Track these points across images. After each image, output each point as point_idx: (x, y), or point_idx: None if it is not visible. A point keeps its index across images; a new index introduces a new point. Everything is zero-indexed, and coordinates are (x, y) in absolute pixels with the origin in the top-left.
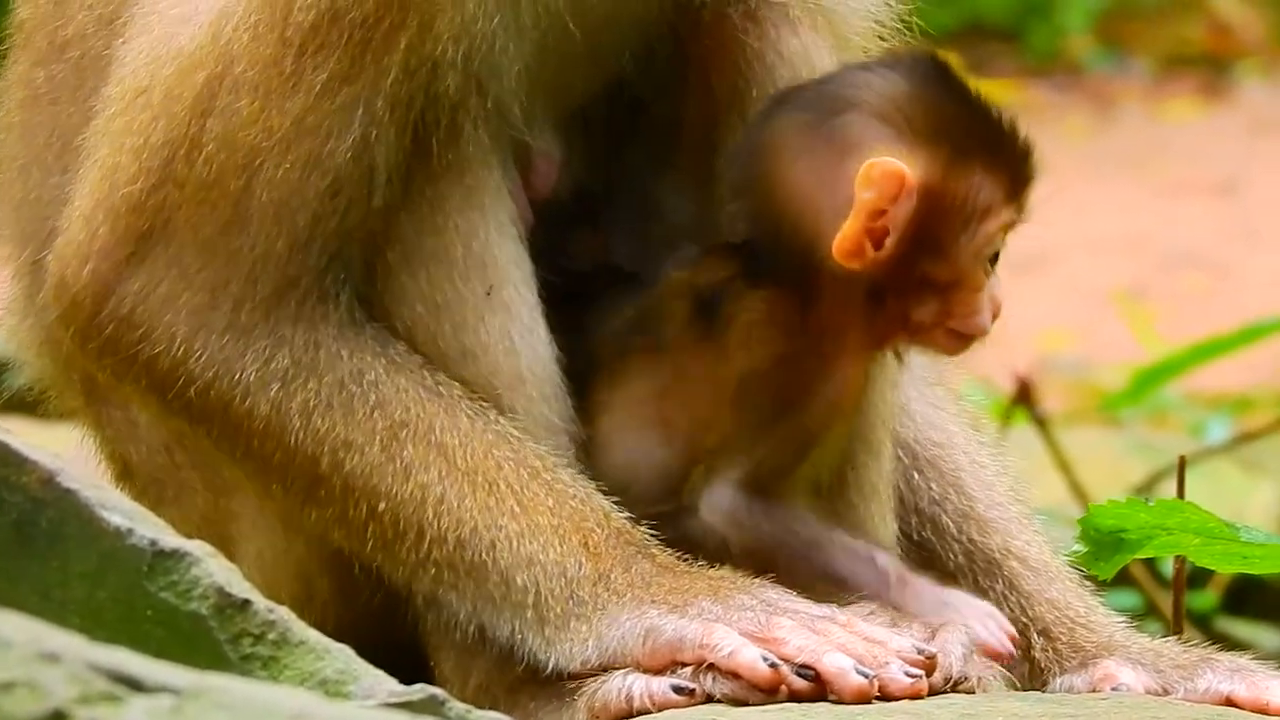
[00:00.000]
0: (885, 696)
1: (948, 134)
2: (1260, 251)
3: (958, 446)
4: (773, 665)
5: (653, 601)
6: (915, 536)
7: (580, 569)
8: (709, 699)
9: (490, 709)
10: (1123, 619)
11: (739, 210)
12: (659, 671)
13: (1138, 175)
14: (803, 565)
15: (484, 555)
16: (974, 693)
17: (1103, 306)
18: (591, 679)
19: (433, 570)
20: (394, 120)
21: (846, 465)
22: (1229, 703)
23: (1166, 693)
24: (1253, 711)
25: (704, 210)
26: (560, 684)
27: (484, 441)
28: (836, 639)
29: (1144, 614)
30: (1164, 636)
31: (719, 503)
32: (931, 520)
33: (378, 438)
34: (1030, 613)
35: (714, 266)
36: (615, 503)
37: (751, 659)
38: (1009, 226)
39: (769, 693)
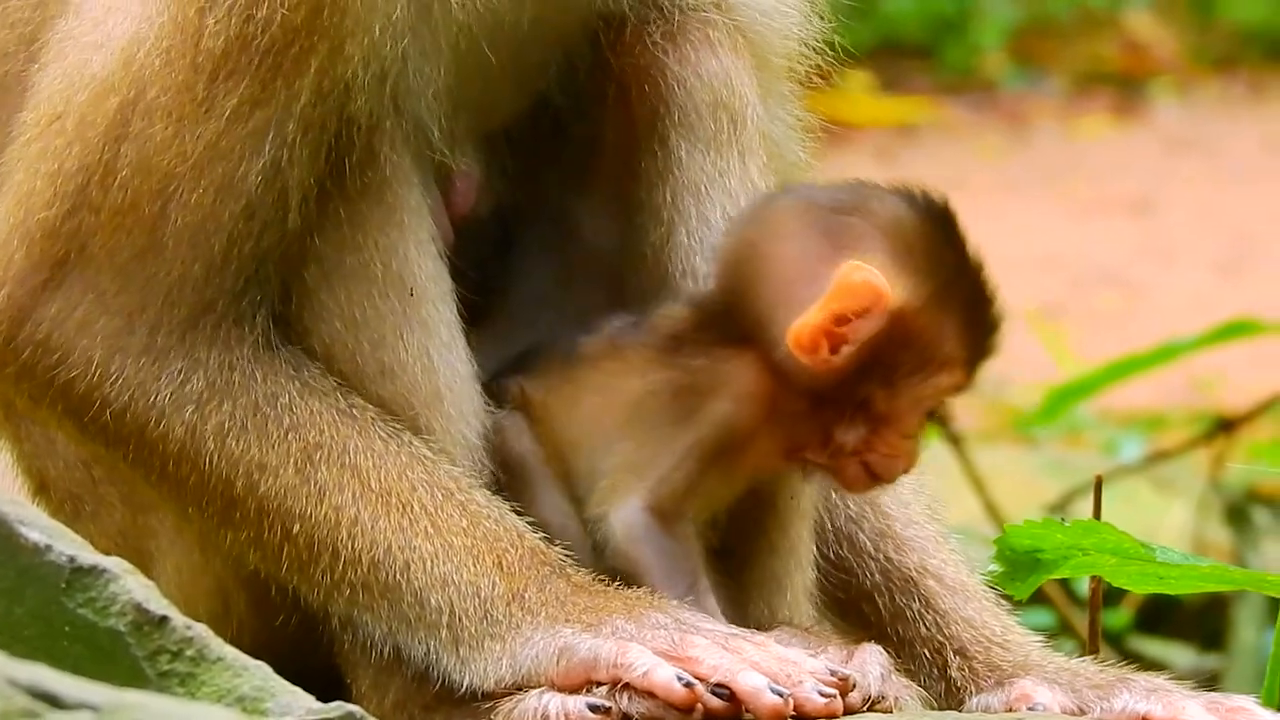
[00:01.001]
0: (801, 716)
1: (938, 276)
2: (1174, 270)
3: None
4: (688, 684)
5: (567, 620)
6: (832, 555)
7: (494, 588)
8: (625, 717)
9: None
10: (1038, 638)
11: (719, 271)
12: (574, 690)
13: (1052, 193)
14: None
15: (398, 576)
16: (891, 712)
17: (1017, 325)
18: (507, 698)
19: (348, 591)
20: (306, 143)
21: (765, 517)
22: None
23: (1082, 712)
24: None
25: (622, 232)
26: (476, 703)
27: (398, 463)
28: (751, 658)
29: (1058, 633)
30: (1079, 656)
31: (625, 517)
32: (848, 538)
33: (292, 460)
34: (946, 631)
35: (685, 317)
36: (530, 523)
37: (666, 678)
38: (955, 390)
39: (685, 711)
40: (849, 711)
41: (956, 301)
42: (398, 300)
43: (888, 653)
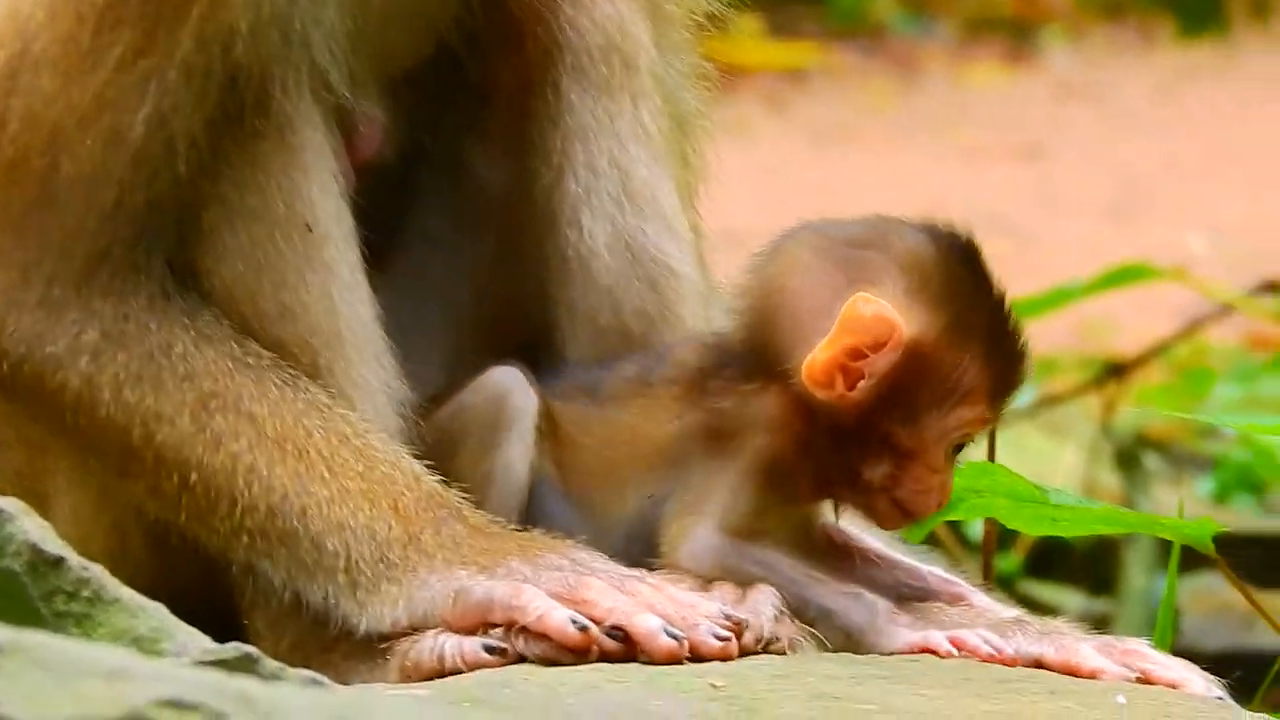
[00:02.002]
0: (696, 658)
1: (956, 307)
2: (1064, 216)
3: None
4: (582, 628)
5: (463, 563)
6: None
7: (390, 532)
8: (521, 659)
9: (303, 667)
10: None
11: (739, 306)
12: (470, 632)
13: (942, 139)
14: (790, 600)
15: (295, 522)
16: (784, 654)
17: None
18: (404, 639)
19: (246, 538)
20: (191, 90)
21: None
22: (1039, 665)
23: (976, 655)
24: (1062, 673)
25: (515, 177)
26: (373, 644)
27: (293, 410)
28: (646, 599)
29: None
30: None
31: (701, 548)
32: None
33: (187, 409)
34: None
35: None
36: (430, 467)
37: (561, 621)
38: (981, 423)
39: (580, 653)
40: (743, 653)
41: (976, 334)
42: (299, 241)
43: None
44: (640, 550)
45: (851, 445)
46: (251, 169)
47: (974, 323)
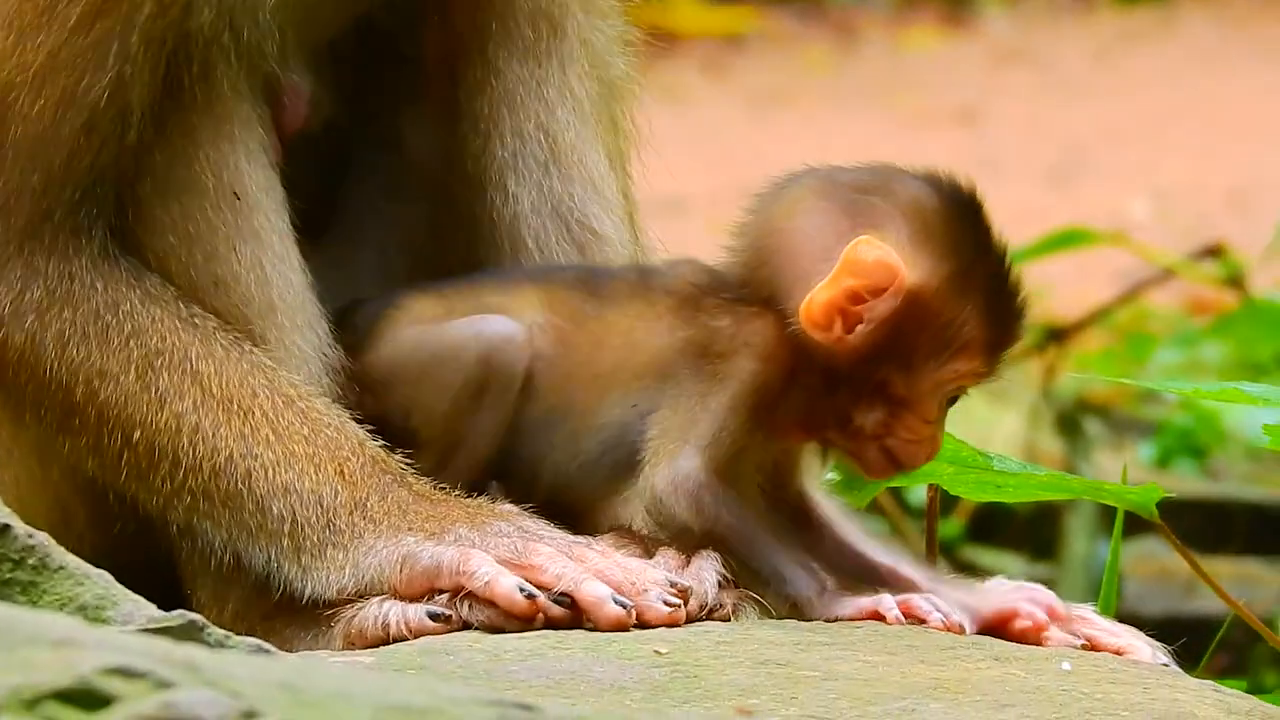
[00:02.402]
0: (643, 625)
1: (957, 258)
2: (1002, 181)
3: None
4: (530, 595)
5: (409, 529)
6: None
7: (336, 497)
8: (466, 625)
9: (247, 635)
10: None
11: (739, 244)
12: (416, 598)
13: (879, 105)
14: (743, 557)
15: (239, 484)
16: (729, 620)
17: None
18: (349, 605)
19: (188, 499)
20: (148, 57)
21: None
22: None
23: (922, 621)
24: (1008, 640)
25: (445, 144)
26: (317, 611)
27: (239, 370)
28: (594, 566)
29: (893, 542)
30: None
31: (680, 477)
32: None
33: (133, 366)
34: None
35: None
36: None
37: (508, 588)
38: (977, 377)
39: (526, 620)
40: (688, 620)
41: (977, 286)
42: (230, 212)
43: (725, 562)
44: (611, 463)
45: (845, 389)
46: (181, 141)
47: (975, 275)
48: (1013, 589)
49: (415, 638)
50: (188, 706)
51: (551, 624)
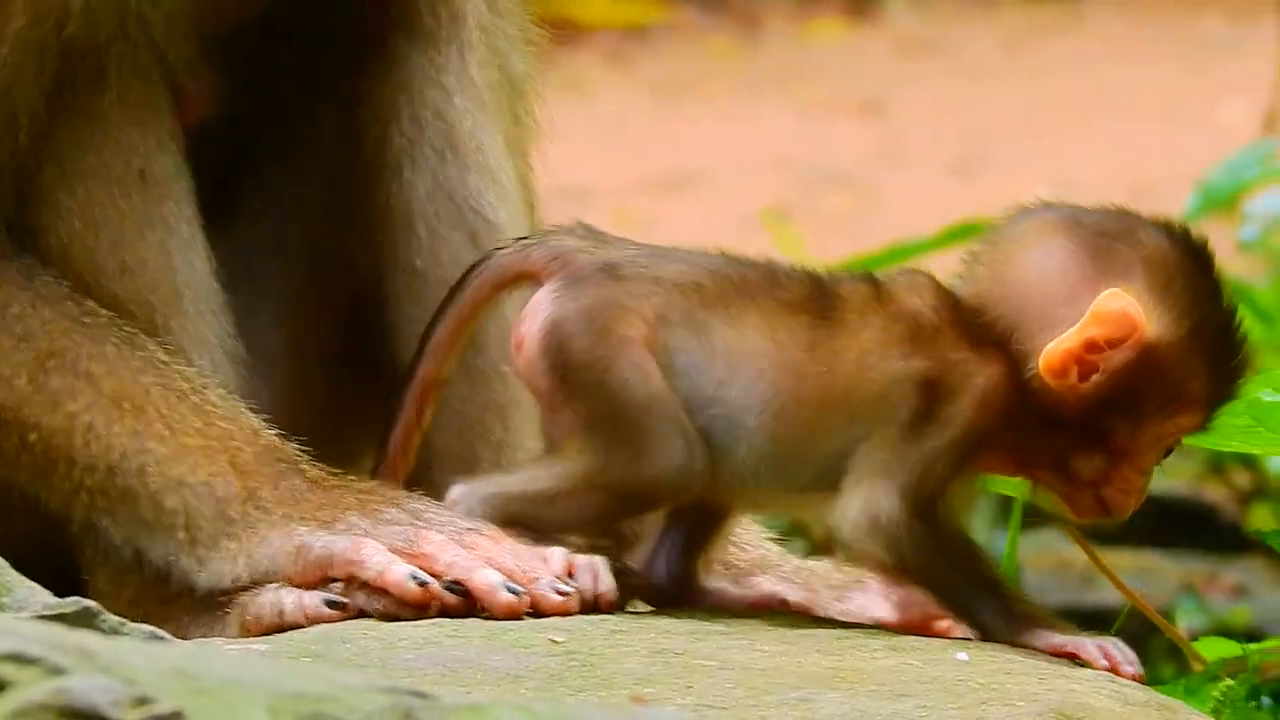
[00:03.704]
0: (537, 612)
1: (1195, 314)
2: (906, 172)
3: None
4: (422, 583)
5: (302, 518)
6: None
7: (229, 489)
8: (361, 613)
9: (144, 622)
10: (774, 538)
11: (977, 273)
12: (312, 586)
13: (783, 95)
14: (937, 594)
15: (134, 480)
16: (623, 609)
17: (751, 226)
18: (245, 592)
19: (85, 497)
20: (29, 63)
21: None
22: (881, 626)
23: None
24: (906, 632)
25: (346, 132)
26: (215, 598)
27: (130, 367)
28: (486, 553)
29: (791, 534)
30: (814, 556)
31: (876, 511)
32: None
33: (25, 369)
34: None
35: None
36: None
37: (400, 578)
38: (1194, 430)
39: (420, 608)
40: (582, 608)
41: (1209, 342)
42: (138, 198)
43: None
44: (821, 494)
45: (1065, 433)
46: (89, 128)
47: (1208, 331)
48: None
49: (311, 625)
50: (81, 693)
51: (446, 611)
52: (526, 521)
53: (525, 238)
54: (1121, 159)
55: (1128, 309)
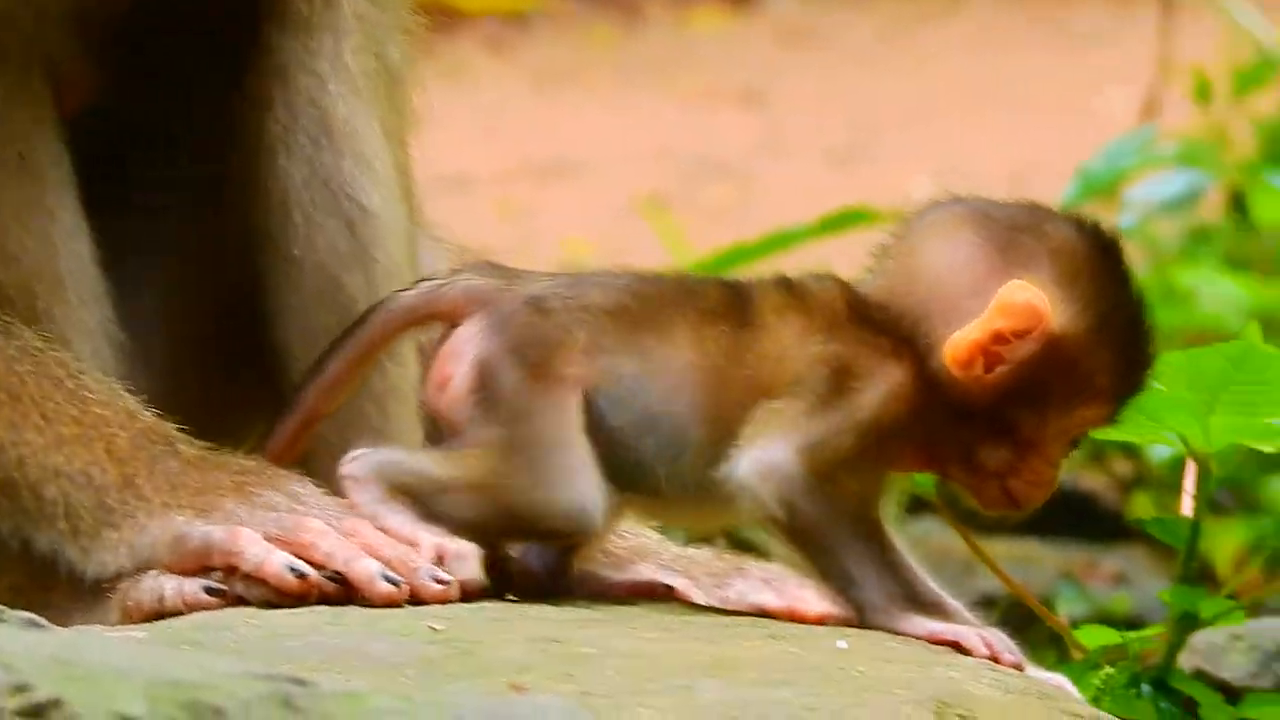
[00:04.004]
0: (416, 600)
1: (1101, 306)
2: (787, 161)
3: None
4: (300, 575)
5: (179, 506)
6: None
7: (106, 476)
8: (241, 600)
9: (24, 609)
10: (654, 526)
11: (885, 266)
12: (191, 574)
13: (664, 84)
14: (817, 557)
15: (13, 472)
16: (502, 597)
17: (630, 214)
18: (127, 579)
19: None
20: None
21: None
22: (762, 613)
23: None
24: (787, 620)
25: (223, 121)
26: (96, 585)
27: (5, 357)
28: (365, 540)
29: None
30: (694, 544)
31: (772, 462)
32: None
33: None
34: None
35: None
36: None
37: (278, 568)
38: (1100, 422)
39: (299, 598)
40: (462, 595)
41: (1115, 333)
42: (19, 185)
43: None
44: None
45: (971, 426)
46: None
47: (1115, 323)
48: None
49: (190, 612)
50: None
51: (325, 599)
52: (413, 496)
53: (428, 278)
54: (1002, 147)
55: (1032, 300)
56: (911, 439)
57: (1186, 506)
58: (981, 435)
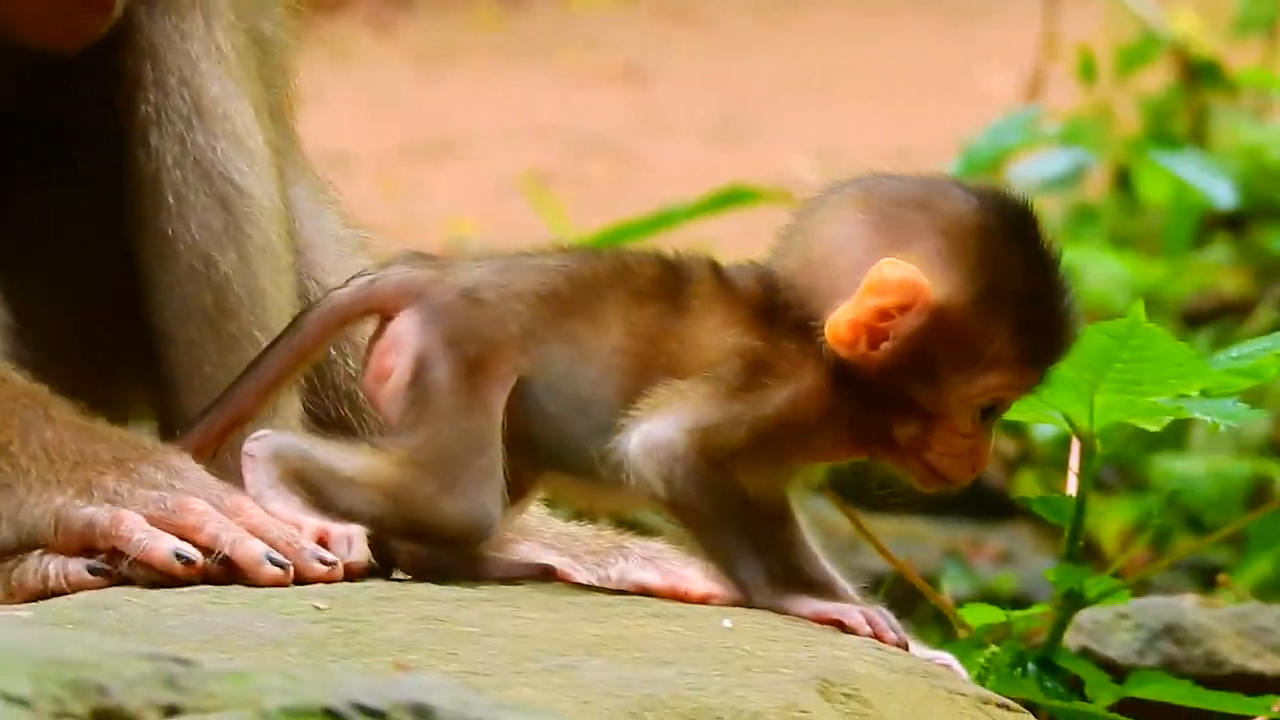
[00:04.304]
0: (301, 581)
1: (991, 275)
2: (669, 139)
3: None
4: (188, 562)
5: (59, 483)
6: (333, 413)
7: None
8: (125, 580)
9: None
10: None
11: (782, 249)
12: (75, 554)
13: (546, 62)
14: (700, 536)
15: None
16: (387, 576)
17: (512, 193)
18: (9, 558)
19: None
20: None
21: None
22: (644, 592)
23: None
24: (670, 599)
25: (97, 103)
26: None
27: None
28: (249, 521)
29: (553, 499)
30: (577, 521)
31: (655, 442)
32: (348, 396)
33: None
34: None
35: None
36: None
37: (165, 556)
38: (1015, 390)
39: (184, 580)
40: (348, 574)
41: (1009, 302)
42: None
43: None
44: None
45: (881, 405)
46: None
47: (1009, 291)
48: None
49: (74, 591)
50: None
51: (210, 579)
52: (310, 484)
53: (361, 274)
54: (885, 126)
55: (906, 275)
56: (836, 431)
57: (1071, 485)
58: (891, 414)
